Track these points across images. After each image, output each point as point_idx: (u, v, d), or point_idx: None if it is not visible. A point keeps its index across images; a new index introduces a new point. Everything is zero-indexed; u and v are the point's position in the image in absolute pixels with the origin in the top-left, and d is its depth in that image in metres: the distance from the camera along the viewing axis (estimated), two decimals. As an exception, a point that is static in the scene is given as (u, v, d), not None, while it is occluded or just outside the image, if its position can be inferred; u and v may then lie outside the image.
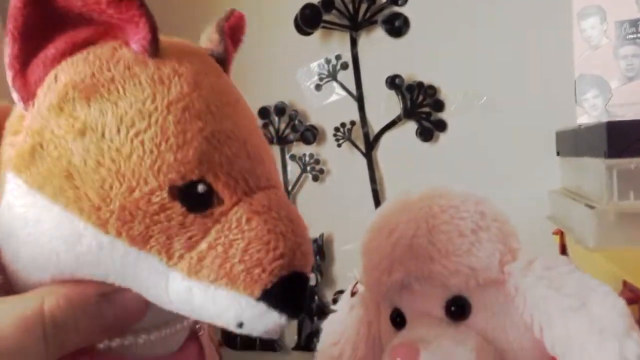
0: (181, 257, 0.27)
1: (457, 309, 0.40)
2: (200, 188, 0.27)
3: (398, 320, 0.43)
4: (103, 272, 0.27)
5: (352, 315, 0.48)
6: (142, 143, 0.26)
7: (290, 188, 1.04)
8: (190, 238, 0.27)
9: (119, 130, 0.27)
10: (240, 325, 0.27)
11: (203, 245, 0.27)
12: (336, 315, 0.51)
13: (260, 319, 0.27)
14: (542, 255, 0.40)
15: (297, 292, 0.27)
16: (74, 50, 0.28)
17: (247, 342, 1.07)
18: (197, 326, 0.34)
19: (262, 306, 0.26)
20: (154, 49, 0.28)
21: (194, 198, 0.27)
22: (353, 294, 0.50)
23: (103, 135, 0.27)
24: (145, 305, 0.28)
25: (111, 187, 0.26)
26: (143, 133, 0.27)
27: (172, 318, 0.30)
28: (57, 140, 0.27)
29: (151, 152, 0.26)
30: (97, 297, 0.27)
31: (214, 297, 0.27)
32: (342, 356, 0.49)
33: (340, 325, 0.49)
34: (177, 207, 0.27)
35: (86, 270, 0.27)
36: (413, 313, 0.42)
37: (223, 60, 0.33)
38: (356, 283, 0.50)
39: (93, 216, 0.26)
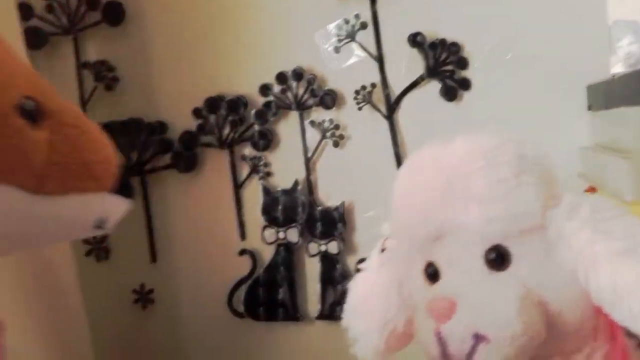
0: (38, 179, 0.28)
1: (497, 258, 0.38)
2: (31, 104, 0.29)
3: (432, 274, 0.40)
4: None
5: (382, 273, 0.46)
6: None
7: (310, 155, 1.01)
8: (37, 154, 0.28)
9: None
10: (100, 222, 0.30)
11: (55, 158, 0.29)
12: (364, 274, 0.49)
13: (116, 209, 0.31)
14: (588, 198, 0.38)
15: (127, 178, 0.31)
16: None
17: (270, 313, 1.05)
18: None
19: (115, 197, 0.31)
20: None
21: (30, 115, 0.29)
22: (382, 250, 0.47)
23: None
24: None
25: None
26: None
27: None
28: None
29: None
30: None
31: (71, 205, 0.29)
32: (371, 315, 0.47)
33: (368, 284, 0.47)
34: (25, 126, 0.28)
35: None
36: (448, 265, 0.39)
37: None
38: (385, 239, 0.47)
39: None
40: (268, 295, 1.05)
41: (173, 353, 1.11)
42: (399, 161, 0.97)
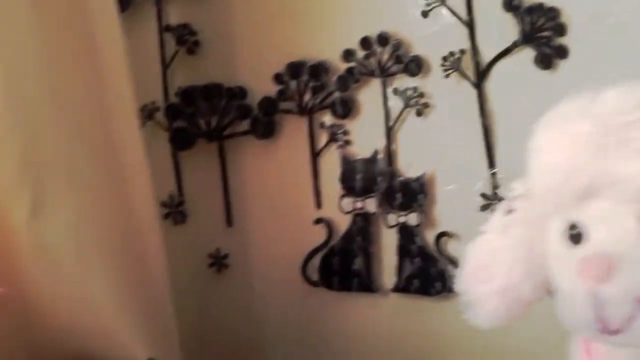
0: None
1: (659, 218, 0.35)
2: None
3: (577, 235, 0.38)
4: None
5: (508, 236, 0.44)
6: None
7: (391, 124, 0.98)
8: None
9: None
10: None
11: None
12: (485, 237, 0.46)
13: None
14: None
15: None
16: None
17: (344, 283, 1.04)
18: None
19: None
20: None
21: None
22: (509, 212, 0.45)
23: None
24: None
25: None
26: None
27: None
28: None
29: None
30: None
31: None
32: (491, 280, 0.44)
33: (490, 247, 0.45)
34: None
35: None
36: (600, 224, 0.36)
37: None
38: (512, 200, 0.45)
39: None
40: (343, 265, 1.04)
41: (246, 318, 1.12)
42: (486, 132, 0.93)
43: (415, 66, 0.95)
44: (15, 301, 0.62)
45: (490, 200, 0.93)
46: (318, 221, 1.05)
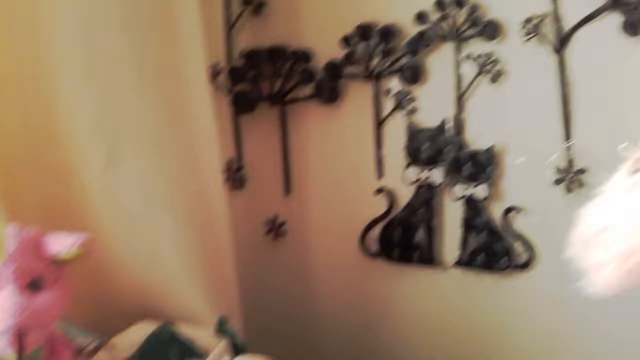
0: None
1: None
2: None
3: None
4: None
5: (633, 197, 0.40)
6: None
7: (462, 91, 0.94)
8: None
9: None
10: None
11: None
12: (605, 199, 0.43)
13: None
14: None
15: None
16: None
17: (404, 256, 1.02)
18: None
19: None
20: None
21: None
22: (635, 171, 0.41)
23: None
24: None
25: None
26: None
27: None
28: None
29: None
30: None
31: None
32: (612, 244, 0.41)
33: (612, 209, 0.42)
34: None
35: None
36: None
37: None
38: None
39: None
40: (404, 237, 1.01)
41: (301, 287, 1.10)
42: (565, 103, 0.89)
43: (491, 30, 0.91)
44: (89, 251, 0.61)
45: (565, 174, 0.89)
46: (379, 191, 1.02)
